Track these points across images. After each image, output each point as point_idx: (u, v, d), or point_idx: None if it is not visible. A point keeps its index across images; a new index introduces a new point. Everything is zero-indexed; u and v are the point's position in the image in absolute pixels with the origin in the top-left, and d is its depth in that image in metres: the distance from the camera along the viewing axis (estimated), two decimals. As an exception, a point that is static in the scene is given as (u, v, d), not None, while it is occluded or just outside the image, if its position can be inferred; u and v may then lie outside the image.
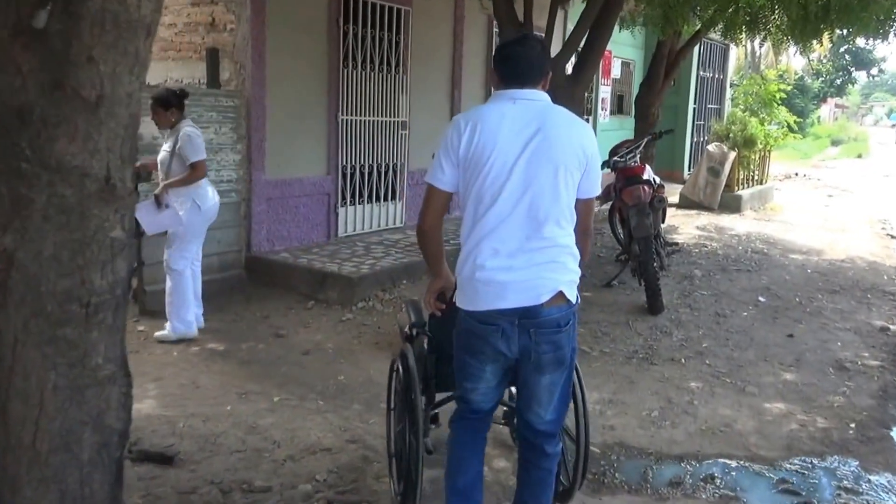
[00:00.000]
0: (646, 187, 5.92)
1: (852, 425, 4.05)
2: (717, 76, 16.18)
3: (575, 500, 2.89)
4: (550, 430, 2.41)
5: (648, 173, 6.30)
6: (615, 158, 6.36)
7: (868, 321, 5.98)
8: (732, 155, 11.41)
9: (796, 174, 18.21)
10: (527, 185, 2.24)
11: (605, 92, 13.24)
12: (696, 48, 14.21)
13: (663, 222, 6.59)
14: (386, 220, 8.13)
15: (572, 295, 2.30)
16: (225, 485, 3.17)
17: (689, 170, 14.14)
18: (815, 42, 9.72)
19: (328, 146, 7.22)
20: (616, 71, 13.65)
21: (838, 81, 39.48)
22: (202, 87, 6.14)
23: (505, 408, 2.97)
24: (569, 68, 6.34)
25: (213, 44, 6.33)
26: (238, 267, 6.38)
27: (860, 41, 13.72)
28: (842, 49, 34.86)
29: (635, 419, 4.02)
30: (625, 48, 13.57)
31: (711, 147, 11.71)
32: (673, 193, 12.31)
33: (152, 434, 3.65)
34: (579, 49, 6.60)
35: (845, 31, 8.43)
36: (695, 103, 14.98)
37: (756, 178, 12.55)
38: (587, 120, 12.92)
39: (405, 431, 2.69)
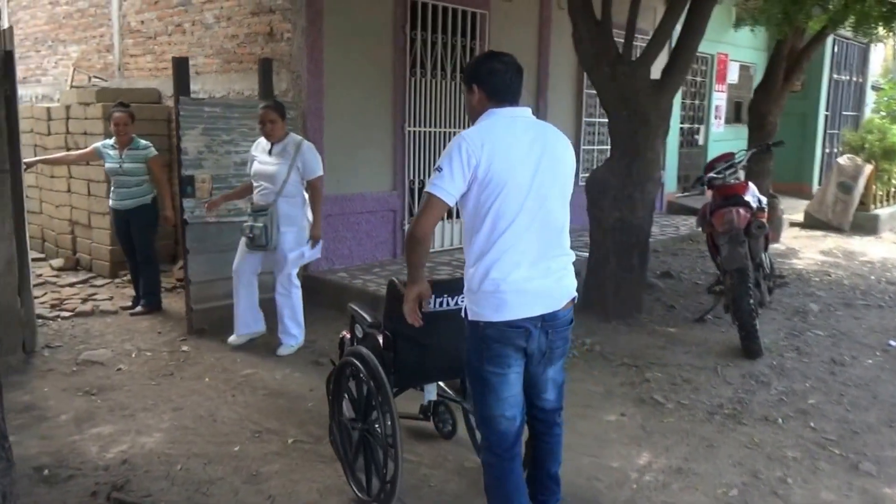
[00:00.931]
0: (741, 210, 5.13)
1: None
2: (855, 79, 14.65)
3: None
4: (558, 406, 2.69)
5: (751, 193, 5.47)
6: (710, 175, 5.58)
7: None
8: (868, 168, 10.12)
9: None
10: (542, 201, 2.44)
11: (719, 98, 12.22)
12: (829, 48, 12.90)
13: (765, 250, 5.72)
14: (457, 239, 7.71)
15: (573, 296, 2.57)
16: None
17: (819, 184, 12.80)
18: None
19: (394, 160, 6.90)
20: (733, 75, 12.59)
21: None
22: (253, 99, 5.97)
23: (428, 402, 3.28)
24: (656, 72, 5.66)
25: (272, 54, 6.16)
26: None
27: None
28: None
29: (706, 497, 3.32)
30: (744, 50, 12.50)
31: (842, 160, 10.46)
32: (797, 210, 11.14)
33: (144, 475, 3.38)
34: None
35: None
36: (827, 110, 13.59)
37: (896, 194, 11.12)
38: (697, 129, 11.96)
39: (371, 427, 2.90)
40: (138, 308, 5.81)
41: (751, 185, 5.64)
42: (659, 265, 7.69)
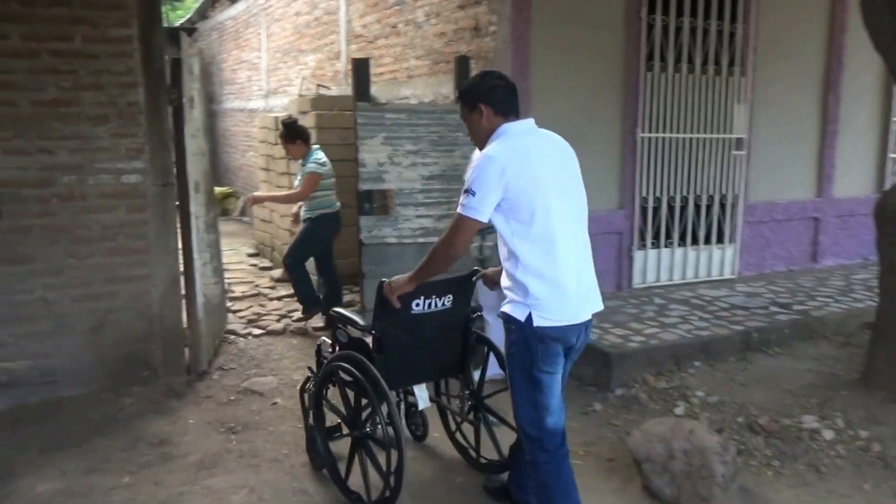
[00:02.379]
0: None
1: None
2: None
3: None
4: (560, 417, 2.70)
5: None
6: None
7: None
8: None
9: None
10: (575, 209, 2.62)
11: None
12: None
13: None
14: (704, 270, 6.45)
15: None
16: None
17: None
18: None
19: (622, 172, 5.91)
20: None
21: None
22: (446, 103, 5.40)
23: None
24: None
25: (476, 51, 5.56)
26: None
27: None
28: None
29: None
30: None
31: None
32: None
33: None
34: None
35: None
36: None
37: None
38: None
39: (365, 435, 2.98)
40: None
41: None
42: None
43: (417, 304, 2.88)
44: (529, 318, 2.51)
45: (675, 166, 6.14)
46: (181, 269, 4.46)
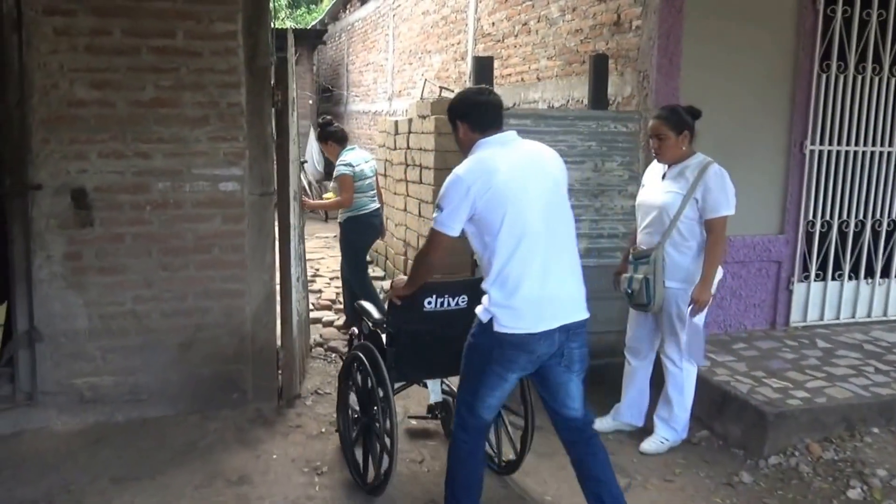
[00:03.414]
0: None
1: None
2: None
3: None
4: (588, 418, 2.90)
5: None
6: None
7: None
8: None
9: None
10: (547, 215, 2.71)
11: None
12: None
13: None
14: (880, 308, 5.58)
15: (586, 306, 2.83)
16: None
17: None
18: None
19: (785, 190, 5.15)
20: None
21: None
22: (580, 108, 4.86)
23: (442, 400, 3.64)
24: None
25: (617, 50, 5.00)
26: (615, 353, 4.88)
27: None
28: None
29: None
30: None
31: None
32: None
33: None
34: None
35: None
36: None
37: None
38: None
39: (372, 419, 3.25)
40: None
41: None
42: None
43: (429, 303, 3.10)
44: (491, 321, 2.66)
45: (850, 185, 5.29)
46: (276, 284, 4.19)
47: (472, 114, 2.77)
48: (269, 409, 4.19)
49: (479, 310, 2.72)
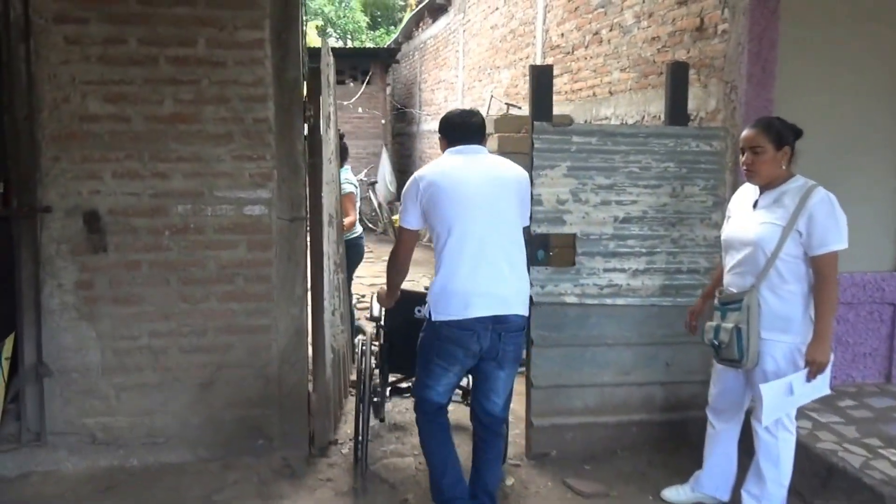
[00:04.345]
0: None
1: None
2: None
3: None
4: (503, 415, 3.23)
5: None
6: None
7: None
8: None
9: None
10: (487, 216, 3.01)
11: None
12: None
13: None
14: None
15: (526, 307, 3.11)
16: None
17: None
18: None
19: (899, 221, 4.45)
20: None
21: None
22: (654, 125, 4.32)
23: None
24: None
25: (699, 58, 4.45)
26: (694, 406, 4.27)
27: None
28: None
29: None
30: None
31: None
32: None
33: None
34: None
35: None
36: None
37: None
38: None
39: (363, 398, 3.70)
40: None
41: None
42: None
43: (419, 311, 3.47)
44: (430, 314, 3.03)
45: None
46: (307, 318, 3.81)
47: (448, 130, 3.16)
48: (297, 458, 3.79)
49: (426, 305, 3.10)
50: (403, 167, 16.52)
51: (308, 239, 3.78)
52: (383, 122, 14.74)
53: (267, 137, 3.55)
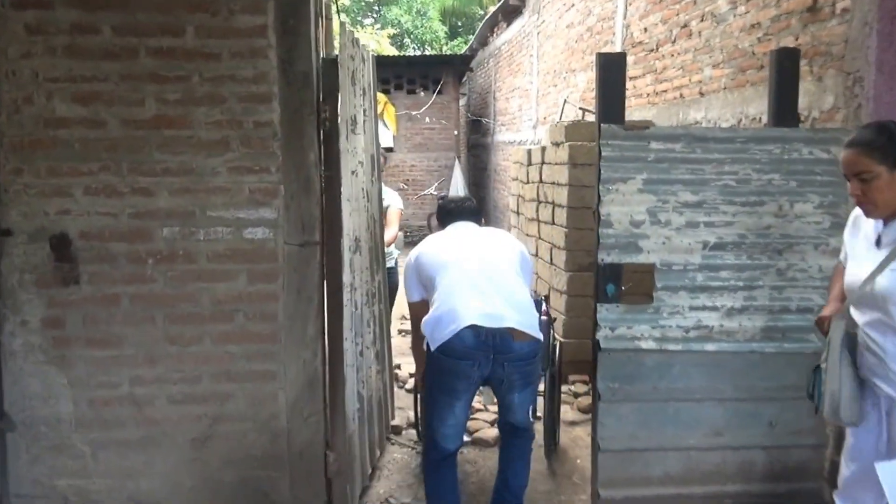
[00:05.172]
0: None
1: None
2: None
3: None
4: (527, 425, 3.30)
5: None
6: None
7: None
8: None
9: None
10: (478, 263, 3.22)
11: None
12: None
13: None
14: None
15: (531, 329, 3.14)
16: None
17: None
18: None
19: None
20: None
21: None
22: (754, 128, 3.51)
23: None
24: None
25: (811, 45, 3.62)
26: (816, 478, 3.42)
27: None
28: None
29: None
30: None
31: None
32: None
33: None
34: None
35: None
36: None
37: None
38: None
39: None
40: None
41: None
42: None
43: None
44: (428, 347, 3.16)
45: None
46: (323, 363, 3.17)
47: (443, 215, 3.61)
48: (308, 530, 3.16)
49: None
50: (478, 180, 15.88)
51: (324, 268, 3.15)
52: (455, 133, 14.16)
53: (271, 145, 2.94)
